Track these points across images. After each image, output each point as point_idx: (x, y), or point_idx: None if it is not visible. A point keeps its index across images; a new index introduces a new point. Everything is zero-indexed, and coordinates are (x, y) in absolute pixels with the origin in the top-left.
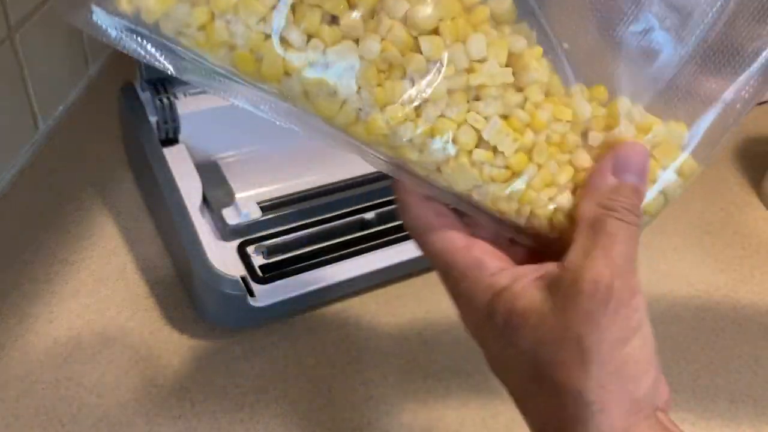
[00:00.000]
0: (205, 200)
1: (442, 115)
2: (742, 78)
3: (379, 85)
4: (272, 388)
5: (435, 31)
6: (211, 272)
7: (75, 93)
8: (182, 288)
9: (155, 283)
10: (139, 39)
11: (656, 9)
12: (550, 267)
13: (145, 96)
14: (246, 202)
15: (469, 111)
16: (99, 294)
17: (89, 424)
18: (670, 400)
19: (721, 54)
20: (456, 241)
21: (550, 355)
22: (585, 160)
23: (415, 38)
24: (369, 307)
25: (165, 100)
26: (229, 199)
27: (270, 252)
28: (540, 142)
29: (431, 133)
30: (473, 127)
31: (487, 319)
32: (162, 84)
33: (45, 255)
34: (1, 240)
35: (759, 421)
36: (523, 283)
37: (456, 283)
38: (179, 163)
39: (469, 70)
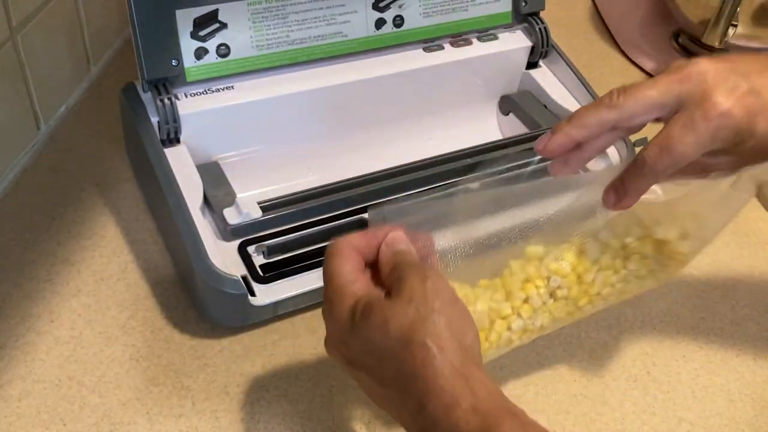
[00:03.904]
0: (205, 200)
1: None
2: None
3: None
4: (273, 388)
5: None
6: (212, 272)
7: (76, 94)
8: (183, 288)
9: (156, 283)
10: None
11: None
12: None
13: (147, 96)
14: (246, 202)
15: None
16: (100, 294)
17: (91, 423)
18: None
19: None
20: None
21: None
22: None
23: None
24: None
25: (166, 101)
26: (229, 199)
27: (270, 252)
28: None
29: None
30: None
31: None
32: (163, 84)
33: (46, 255)
34: (3, 240)
35: (759, 421)
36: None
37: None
38: (180, 163)
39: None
